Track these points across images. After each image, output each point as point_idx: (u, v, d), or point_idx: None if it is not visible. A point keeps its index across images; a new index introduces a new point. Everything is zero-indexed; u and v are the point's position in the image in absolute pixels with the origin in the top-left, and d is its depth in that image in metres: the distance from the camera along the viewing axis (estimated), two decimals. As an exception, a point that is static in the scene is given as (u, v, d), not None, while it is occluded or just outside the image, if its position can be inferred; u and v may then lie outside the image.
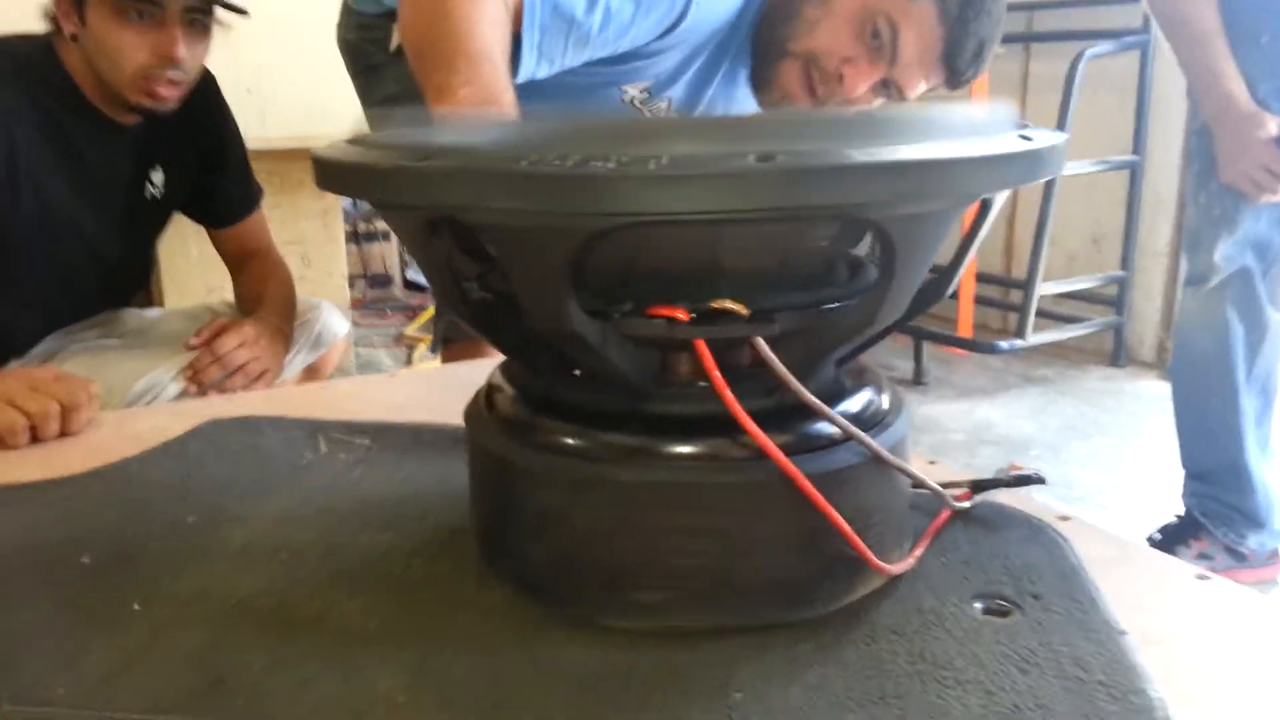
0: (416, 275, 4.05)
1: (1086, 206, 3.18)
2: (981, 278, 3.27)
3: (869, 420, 0.54)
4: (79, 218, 1.33)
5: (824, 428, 0.52)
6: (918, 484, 0.54)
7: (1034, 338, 2.78)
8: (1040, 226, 2.80)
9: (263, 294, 1.48)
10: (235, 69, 1.70)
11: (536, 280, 0.45)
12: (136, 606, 0.57)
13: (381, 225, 4.07)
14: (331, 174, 0.47)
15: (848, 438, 0.51)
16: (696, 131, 0.65)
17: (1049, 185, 2.79)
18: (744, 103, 1.21)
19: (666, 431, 0.51)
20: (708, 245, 0.46)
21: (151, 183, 1.41)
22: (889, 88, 1.08)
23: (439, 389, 1.01)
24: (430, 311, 3.26)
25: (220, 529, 0.67)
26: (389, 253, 4.21)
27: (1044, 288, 2.76)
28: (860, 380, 0.56)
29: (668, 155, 0.38)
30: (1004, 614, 0.54)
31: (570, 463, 0.51)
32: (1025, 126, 0.48)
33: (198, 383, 1.33)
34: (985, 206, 0.50)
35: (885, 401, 0.57)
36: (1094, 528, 0.66)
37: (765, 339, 0.47)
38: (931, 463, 0.76)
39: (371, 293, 4.17)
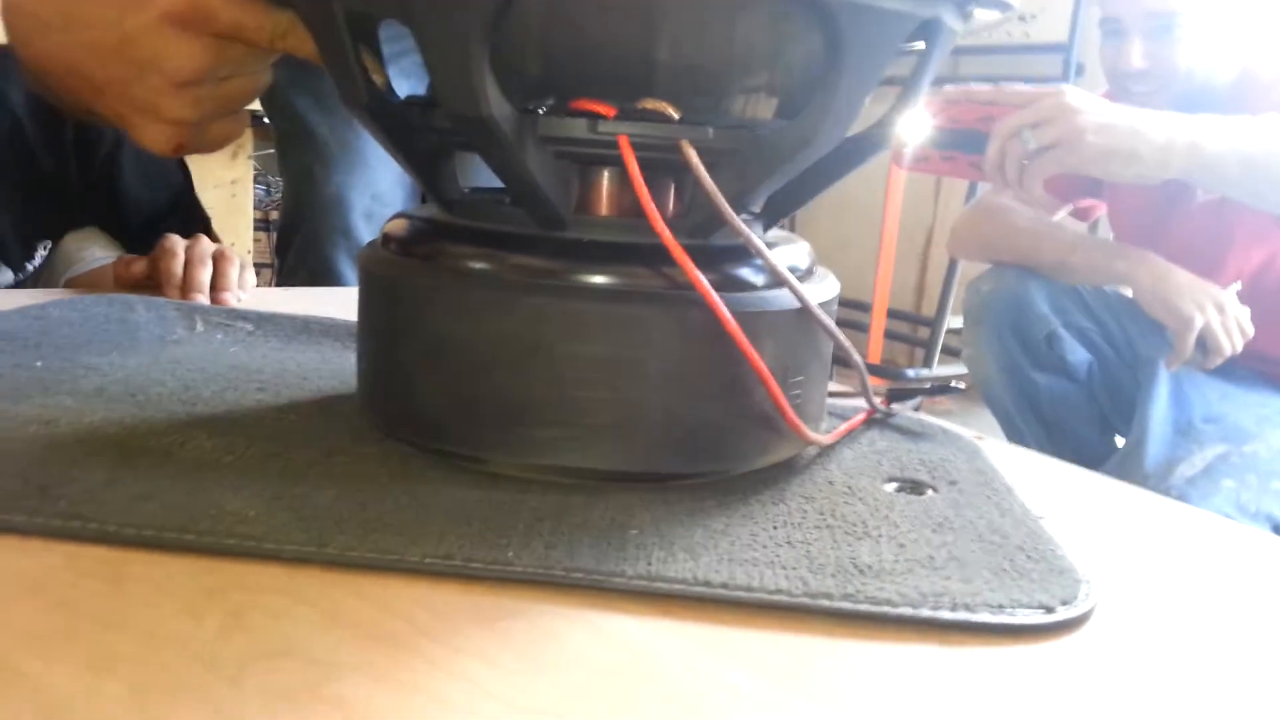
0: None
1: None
2: (892, 314, 3.31)
3: (797, 277, 0.51)
4: None
5: (750, 274, 0.48)
6: (843, 348, 0.51)
7: (940, 369, 2.82)
8: (952, 264, 2.86)
9: None
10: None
11: (450, 44, 0.40)
12: (-41, 425, 0.50)
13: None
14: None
15: (774, 285, 0.48)
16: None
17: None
18: None
19: (580, 257, 0.47)
20: (639, 28, 0.42)
21: None
22: None
23: (341, 300, 0.94)
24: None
25: (72, 375, 0.60)
26: (300, 243, 4.08)
27: (953, 322, 2.81)
28: (791, 243, 0.53)
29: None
30: (919, 493, 0.51)
31: (472, 285, 0.47)
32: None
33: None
34: (929, 46, 0.48)
35: (813, 268, 0.53)
36: (1011, 448, 0.64)
37: (696, 149, 0.43)
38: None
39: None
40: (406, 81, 0.56)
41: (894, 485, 0.52)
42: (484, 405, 0.47)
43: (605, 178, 0.49)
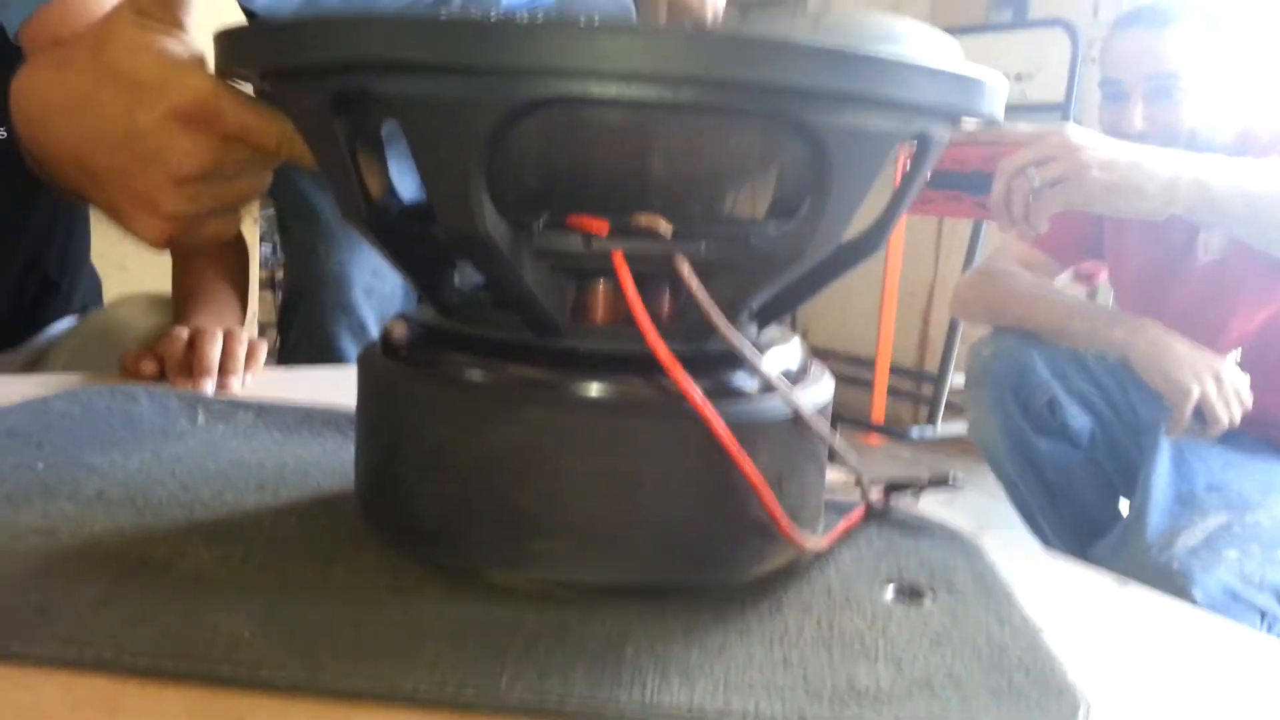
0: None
1: (999, 308, 3.27)
2: (895, 370, 3.32)
3: (790, 382, 0.51)
4: None
5: (744, 381, 0.49)
6: (837, 454, 0.51)
7: (944, 428, 2.81)
8: (954, 321, 2.87)
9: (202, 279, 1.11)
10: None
11: (448, 165, 0.41)
12: (-42, 536, 0.50)
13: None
14: (233, 46, 0.43)
15: (768, 391, 0.48)
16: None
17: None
18: None
19: (576, 367, 0.47)
20: (633, 149, 0.43)
21: None
22: None
23: (343, 381, 0.95)
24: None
25: (73, 476, 0.60)
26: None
27: (956, 380, 2.81)
28: (785, 342, 0.53)
29: (598, 18, 0.35)
30: (916, 601, 0.51)
31: (469, 395, 0.47)
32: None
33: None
34: (920, 155, 0.48)
35: (808, 368, 0.54)
36: (1010, 542, 0.64)
37: (689, 264, 0.44)
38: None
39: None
40: (404, 162, 0.56)
41: (892, 592, 0.52)
42: (481, 517, 0.47)
43: (601, 285, 0.50)
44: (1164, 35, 1.41)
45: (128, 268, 1.89)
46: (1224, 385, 1.32)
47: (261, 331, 3.18)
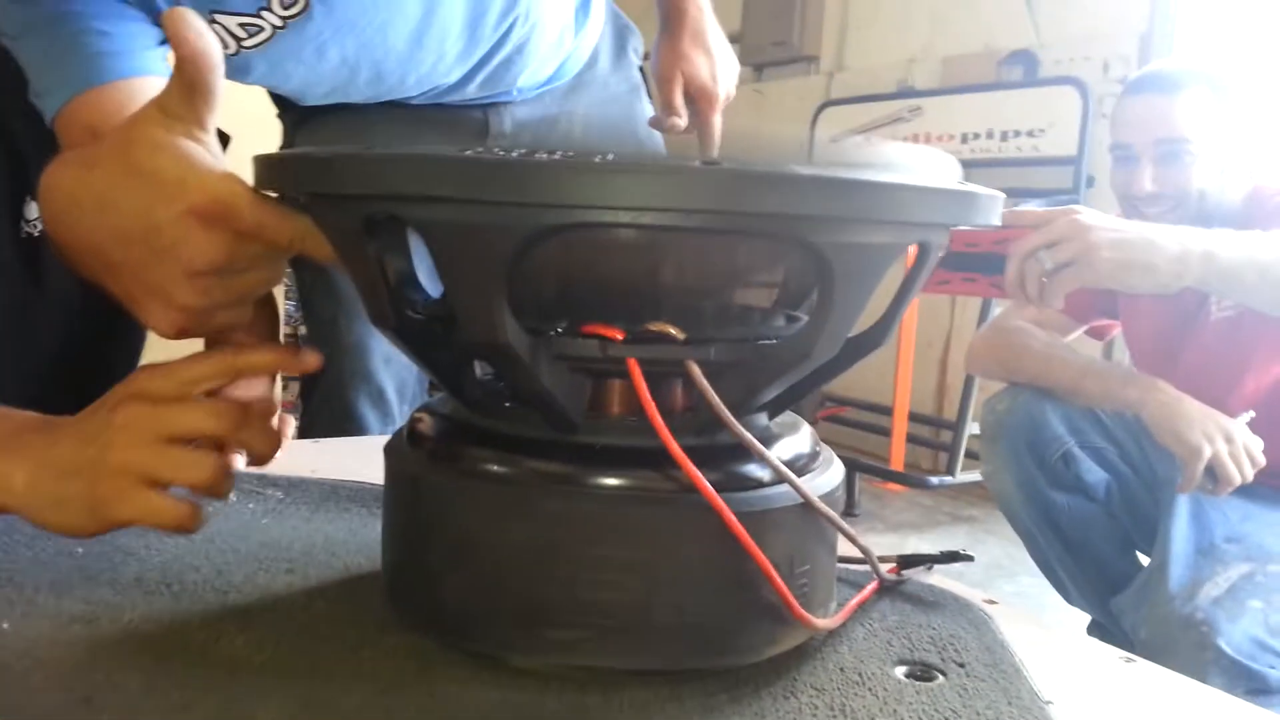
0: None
1: (1016, 355, 3.27)
2: (914, 418, 3.32)
3: (799, 469, 0.53)
4: None
5: (754, 470, 0.51)
6: (847, 537, 0.53)
7: (963, 475, 2.81)
8: (972, 369, 2.87)
9: None
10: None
11: (472, 283, 0.44)
12: (5, 625, 0.53)
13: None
14: (272, 169, 0.47)
15: (778, 481, 0.50)
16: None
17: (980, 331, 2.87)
18: None
19: (593, 461, 0.49)
20: (647, 264, 0.46)
21: (25, 219, 1.03)
22: None
23: (366, 453, 0.98)
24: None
25: (111, 561, 0.63)
26: (327, 356, 4.14)
27: (974, 428, 2.81)
28: (793, 431, 0.56)
29: (614, 154, 0.38)
30: (928, 678, 0.52)
31: (490, 487, 0.49)
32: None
33: None
34: (920, 260, 0.51)
35: (817, 455, 0.56)
36: (1021, 611, 0.65)
37: (700, 366, 0.46)
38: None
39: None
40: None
41: (904, 670, 0.53)
42: (502, 604, 0.49)
43: (616, 382, 0.52)
44: (1173, 101, 1.44)
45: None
46: (1235, 444, 1.33)
47: (284, 385, 3.23)
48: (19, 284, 1.02)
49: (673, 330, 0.46)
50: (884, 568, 0.64)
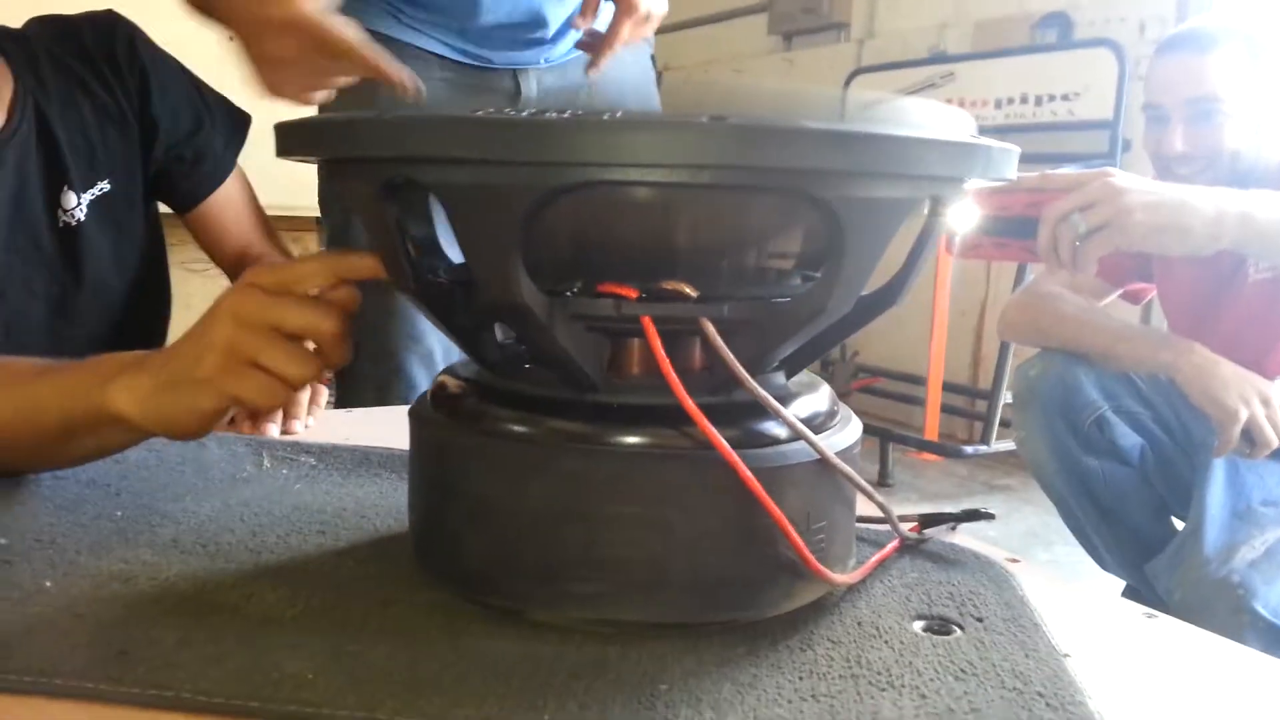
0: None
1: (1053, 322, 3.24)
2: (948, 387, 3.30)
3: (817, 427, 0.53)
4: None
5: (771, 427, 0.51)
6: (863, 493, 0.53)
7: (997, 445, 2.79)
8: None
9: None
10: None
11: (488, 243, 0.44)
12: (48, 584, 0.55)
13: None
14: (292, 135, 0.48)
15: (795, 438, 0.51)
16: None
17: (1016, 298, 2.84)
18: None
19: (611, 419, 0.50)
20: (660, 222, 0.46)
21: (63, 208, 1.03)
22: None
23: (395, 421, 0.99)
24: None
25: (149, 523, 0.65)
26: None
27: (1008, 396, 2.79)
28: (810, 390, 0.56)
29: (622, 111, 0.39)
30: (945, 632, 0.53)
31: (512, 446, 0.50)
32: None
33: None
34: (933, 216, 0.51)
35: (835, 412, 0.56)
36: (1043, 570, 0.66)
37: (713, 323, 0.47)
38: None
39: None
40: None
41: (921, 624, 0.54)
42: (524, 561, 0.50)
43: (633, 342, 0.53)
44: (1205, 59, 1.41)
45: (192, 307, 1.98)
46: (1272, 407, 1.31)
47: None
48: (58, 272, 1.05)
49: (686, 288, 0.47)
50: (905, 527, 0.64)
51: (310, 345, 0.57)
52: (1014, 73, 3.24)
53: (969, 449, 2.86)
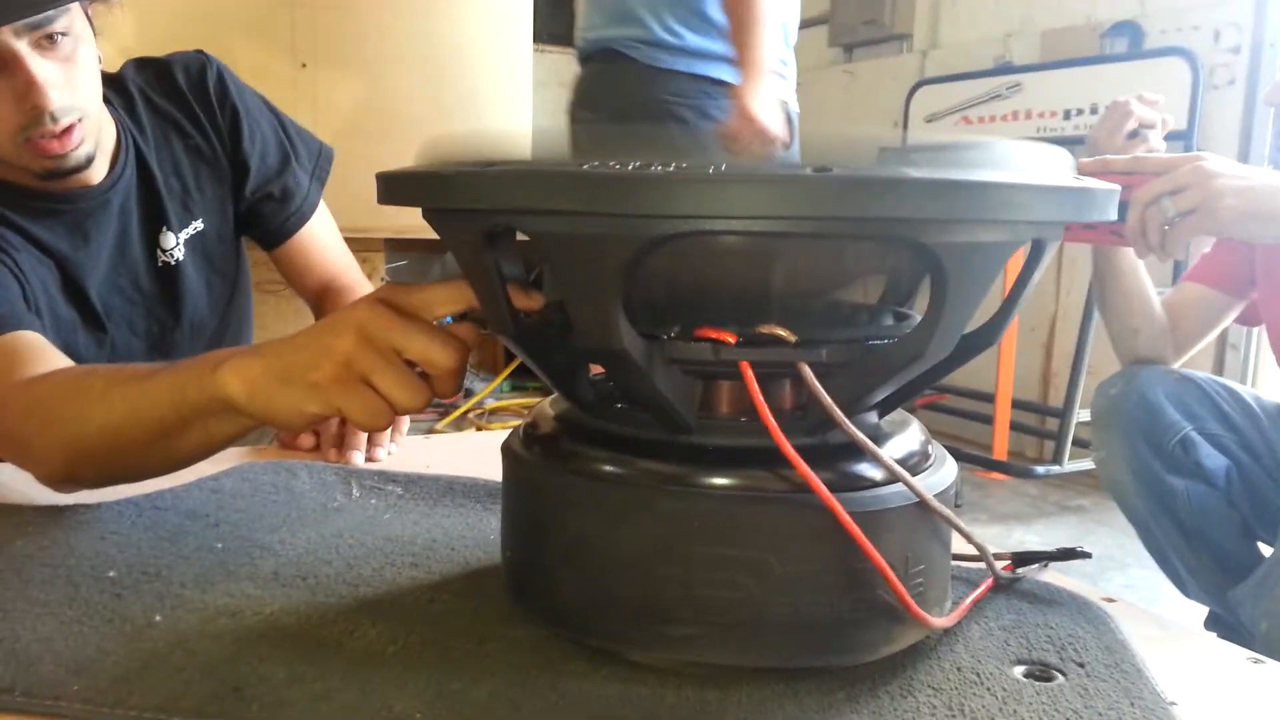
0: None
1: (1125, 337, 3.17)
2: (1018, 404, 3.24)
3: (912, 468, 0.53)
4: (87, 337, 1.01)
5: (868, 470, 0.51)
6: (963, 536, 0.53)
7: (1070, 465, 2.73)
8: (1078, 355, 2.80)
9: None
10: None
11: (588, 291, 0.45)
12: (159, 618, 0.56)
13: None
14: (395, 186, 0.49)
15: (891, 480, 0.50)
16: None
17: (1087, 314, 2.79)
18: None
19: (707, 461, 0.50)
20: (758, 268, 0.47)
21: (162, 249, 1.06)
22: None
23: (475, 450, 1.01)
24: (459, 410, 3.27)
25: (249, 555, 0.66)
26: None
27: (1081, 415, 2.73)
28: (902, 429, 0.56)
29: (725, 163, 0.39)
30: (1047, 678, 0.52)
31: (607, 488, 0.51)
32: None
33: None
34: (1034, 257, 0.50)
35: (930, 452, 0.56)
36: (1141, 609, 0.64)
37: (811, 368, 0.47)
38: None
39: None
40: None
41: (1022, 669, 0.53)
42: (620, 602, 0.51)
43: (725, 384, 0.53)
44: None
45: (266, 327, 2.02)
46: None
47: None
48: (157, 310, 1.09)
49: (784, 333, 0.47)
50: (998, 565, 0.64)
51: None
52: (1083, 83, 3.18)
53: (1040, 469, 2.80)
